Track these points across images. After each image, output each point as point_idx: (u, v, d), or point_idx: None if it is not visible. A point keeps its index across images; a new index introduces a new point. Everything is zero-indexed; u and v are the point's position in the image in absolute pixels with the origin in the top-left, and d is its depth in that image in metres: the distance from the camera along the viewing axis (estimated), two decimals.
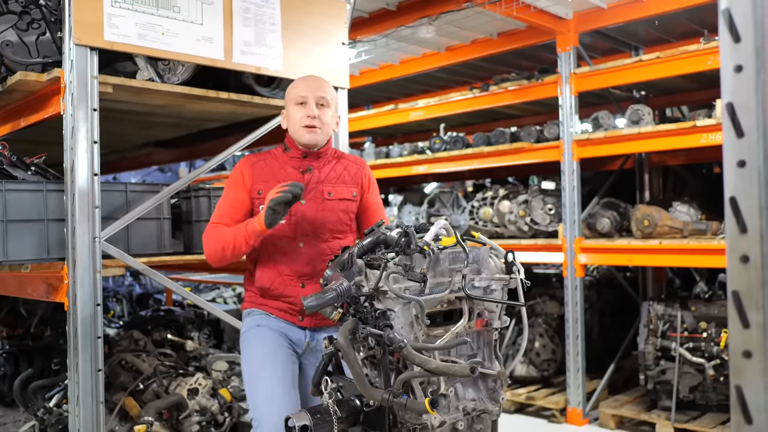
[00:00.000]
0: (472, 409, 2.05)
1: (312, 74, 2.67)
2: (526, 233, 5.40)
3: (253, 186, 2.50)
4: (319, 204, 2.51)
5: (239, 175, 2.53)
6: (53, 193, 2.85)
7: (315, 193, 2.52)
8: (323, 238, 2.51)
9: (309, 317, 2.49)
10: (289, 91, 2.60)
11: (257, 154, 2.62)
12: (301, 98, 2.51)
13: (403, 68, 6.19)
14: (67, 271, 2.69)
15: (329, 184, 2.55)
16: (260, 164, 2.54)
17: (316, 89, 2.53)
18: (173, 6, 2.89)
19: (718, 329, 4.49)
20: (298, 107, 2.52)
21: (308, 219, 2.49)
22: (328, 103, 2.54)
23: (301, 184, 2.30)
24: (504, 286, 2.16)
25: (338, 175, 2.58)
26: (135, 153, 5.34)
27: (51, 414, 3.26)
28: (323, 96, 2.52)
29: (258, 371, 2.43)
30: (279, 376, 2.40)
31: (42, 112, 2.92)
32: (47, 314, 4.39)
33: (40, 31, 2.83)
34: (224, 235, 2.40)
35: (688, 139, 4.37)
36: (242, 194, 2.49)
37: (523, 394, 5.28)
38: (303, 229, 2.49)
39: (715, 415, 4.55)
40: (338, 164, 2.61)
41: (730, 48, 0.89)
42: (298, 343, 2.52)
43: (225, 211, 2.49)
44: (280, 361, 2.44)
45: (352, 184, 2.59)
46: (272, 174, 2.51)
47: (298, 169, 2.54)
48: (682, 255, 4.46)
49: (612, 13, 4.82)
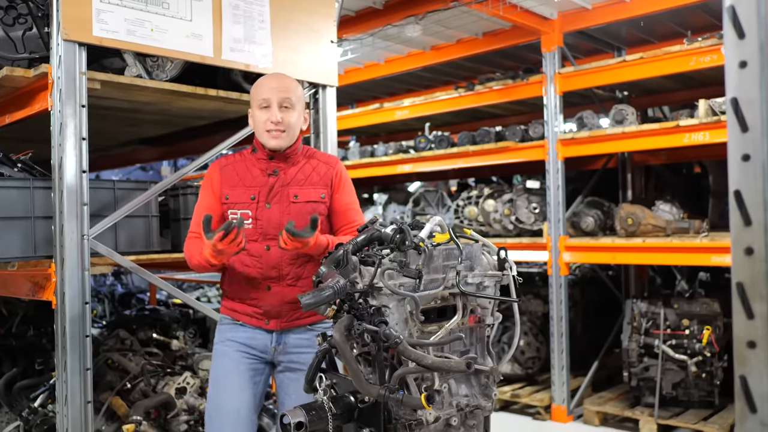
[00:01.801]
0: (465, 405, 2.06)
1: (276, 73, 2.60)
2: (510, 232, 5.44)
3: (221, 191, 2.49)
4: (285, 207, 2.46)
5: (209, 181, 2.52)
6: (40, 190, 2.81)
7: (281, 196, 2.47)
8: None
9: (275, 320, 2.48)
10: (252, 92, 2.54)
11: (228, 156, 2.58)
12: (264, 101, 2.46)
13: (389, 67, 6.20)
14: (54, 269, 2.65)
15: (296, 186, 2.49)
16: (229, 168, 2.52)
17: (279, 91, 2.46)
18: (162, 2, 2.87)
19: (701, 326, 4.56)
20: (261, 111, 2.46)
21: (273, 222, 2.45)
22: (293, 104, 2.48)
23: (240, 221, 2.24)
24: (497, 283, 2.17)
25: (306, 176, 2.52)
26: (118, 151, 5.28)
27: (36, 414, 3.22)
28: (287, 97, 2.46)
29: (215, 404, 2.49)
30: (233, 413, 2.45)
31: (28, 108, 2.88)
32: (29, 313, 4.33)
33: (27, 26, 2.80)
34: (194, 253, 2.41)
35: (672, 139, 4.43)
36: (212, 200, 2.49)
37: (508, 392, 5.32)
38: (268, 232, 2.45)
39: (697, 411, 4.62)
40: (307, 165, 2.54)
41: (734, 44, 0.90)
42: (264, 350, 2.52)
43: (198, 219, 2.47)
44: (236, 396, 2.47)
45: (320, 185, 2.53)
46: (239, 178, 2.49)
47: (265, 171, 2.49)
48: (666, 253, 4.52)
49: (596, 14, 4.88)
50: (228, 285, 2.56)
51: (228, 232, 2.18)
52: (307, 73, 3.46)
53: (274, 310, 2.48)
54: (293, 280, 2.48)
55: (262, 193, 2.47)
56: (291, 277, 2.48)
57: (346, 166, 6.22)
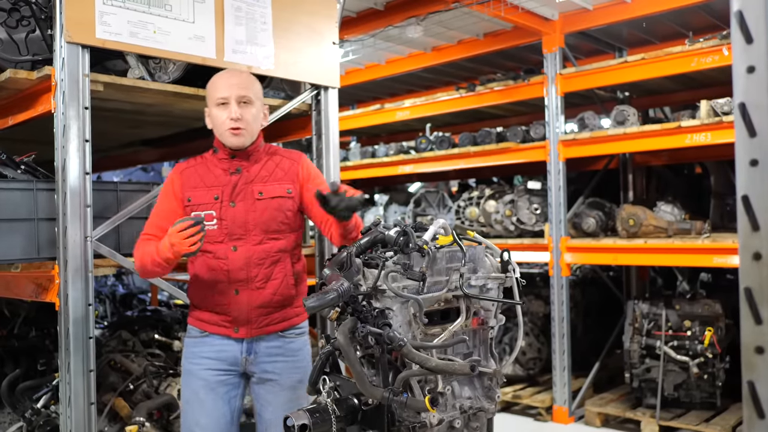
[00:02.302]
0: (468, 407, 2.06)
1: (232, 69, 2.55)
2: (512, 233, 5.44)
3: (183, 194, 2.44)
4: (250, 205, 2.42)
5: (169, 185, 2.48)
6: (43, 192, 2.81)
7: (245, 194, 2.43)
8: (257, 240, 2.42)
9: (245, 327, 2.43)
10: (208, 89, 2.49)
11: (188, 160, 2.55)
12: (222, 99, 2.41)
13: (390, 68, 6.20)
14: (58, 271, 2.66)
15: (260, 183, 2.45)
16: (189, 171, 2.48)
17: (237, 87, 2.42)
18: (165, 4, 2.87)
19: (702, 327, 4.56)
20: (220, 108, 2.43)
21: (239, 221, 2.40)
22: (252, 99, 2.44)
23: (200, 218, 2.21)
24: (500, 285, 2.17)
25: (270, 172, 2.48)
26: (120, 152, 5.29)
27: (39, 415, 3.22)
28: (245, 94, 2.42)
29: (189, 427, 2.47)
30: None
31: (31, 110, 2.88)
32: (31, 315, 4.34)
33: (30, 29, 2.80)
34: (147, 252, 2.34)
35: (673, 140, 4.43)
36: (172, 203, 2.44)
37: (510, 393, 5.32)
38: (234, 232, 2.40)
39: (699, 413, 4.62)
40: (270, 161, 2.51)
41: (742, 49, 0.90)
42: (234, 362, 2.46)
43: (155, 221, 2.44)
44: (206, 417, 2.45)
45: (285, 180, 2.49)
46: (201, 179, 2.46)
47: (227, 170, 2.46)
48: (667, 254, 4.52)
49: (597, 15, 4.88)
50: (194, 293, 2.49)
51: (194, 224, 2.15)
52: (309, 75, 3.46)
53: (243, 316, 2.42)
54: (262, 282, 2.42)
55: (225, 192, 2.43)
56: (260, 279, 2.42)
57: (347, 167, 6.31)
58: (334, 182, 2.15)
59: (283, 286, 2.46)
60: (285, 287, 2.47)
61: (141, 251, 2.37)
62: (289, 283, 2.48)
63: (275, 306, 2.46)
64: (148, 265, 2.33)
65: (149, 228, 2.44)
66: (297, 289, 2.53)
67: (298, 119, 3.75)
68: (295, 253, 2.54)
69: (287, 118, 3.59)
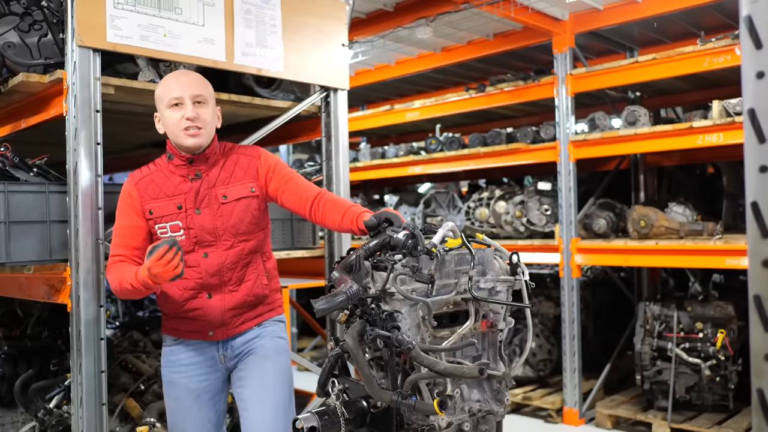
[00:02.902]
0: (477, 410, 2.06)
1: (182, 70, 2.45)
2: (522, 234, 5.43)
3: (143, 207, 2.34)
4: (215, 210, 2.35)
5: (127, 199, 2.37)
6: (55, 195, 2.83)
7: (209, 199, 2.35)
8: (228, 244, 2.36)
9: (220, 329, 2.39)
10: (159, 91, 2.36)
11: (141, 169, 2.44)
12: (176, 99, 2.30)
13: (399, 69, 6.21)
14: (69, 273, 2.68)
15: (222, 186, 2.37)
16: (145, 181, 2.38)
17: (190, 87, 2.31)
18: (175, 7, 2.88)
19: (714, 329, 4.53)
20: (173, 109, 2.31)
21: (207, 228, 2.34)
22: (207, 99, 2.34)
23: (173, 240, 2.08)
24: (509, 288, 2.17)
25: (230, 173, 2.39)
26: (131, 154, 5.31)
27: (51, 415, 3.25)
28: (199, 93, 2.32)
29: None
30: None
31: (44, 114, 2.90)
32: (44, 315, 4.37)
33: (42, 33, 2.82)
34: (125, 277, 2.20)
35: (685, 140, 4.41)
36: (134, 219, 2.34)
37: (520, 394, 5.30)
38: (203, 239, 2.34)
39: (711, 415, 4.59)
40: (228, 161, 2.42)
41: (751, 54, 0.90)
42: (212, 362, 2.42)
43: (121, 241, 2.34)
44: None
45: (247, 178, 2.40)
46: (159, 188, 2.36)
47: (186, 176, 2.36)
48: (679, 255, 4.49)
49: (608, 15, 4.86)
50: (166, 302, 2.41)
51: (168, 250, 2.02)
52: (318, 77, 3.47)
53: (218, 320, 2.37)
54: (235, 285, 2.38)
55: (188, 200, 2.34)
56: (233, 283, 2.38)
57: (357, 168, 6.32)
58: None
59: (256, 286, 2.43)
60: (258, 287, 2.44)
61: (118, 275, 2.24)
62: (262, 282, 2.45)
63: (249, 306, 2.43)
64: (127, 289, 2.20)
65: (118, 249, 2.33)
66: (270, 286, 2.50)
67: (307, 121, 3.77)
68: (265, 252, 2.50)
69: (297, 120, 3.61)
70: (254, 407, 2.38)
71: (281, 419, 2.38)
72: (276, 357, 2.46)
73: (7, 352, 3.74)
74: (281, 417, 2.38)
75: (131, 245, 2.32)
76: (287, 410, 2.42)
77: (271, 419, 2.35)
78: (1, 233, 2.72)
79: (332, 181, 3.59)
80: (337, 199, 2.37)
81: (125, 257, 2.31)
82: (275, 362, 2.45)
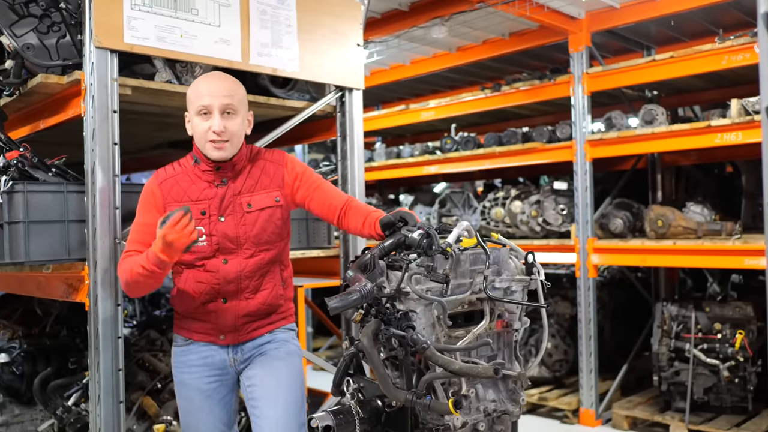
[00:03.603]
0: (492, 410, 2.06)
1: (216, 72, 2.38)
2: (538, 234, 5.40)
3: (165, 209, 2.29)
4: (239, 218, 2.32)
5: (150, 197, 2.34)
6: (74, 195, 2.86)
7: (234, 207, 2.32)
8: (249, 253, 2.34)
9: (232, 335, 2.38)
10: (190, 94, 2.32)
11: (165, 168, 2.40)
12: (204, 108, 2.26)
13: (414, 68, 6.20)
14: (87, 272, 2.70)
15: (247, 194, 2.34)
16: (170, 182, 2.34)
17: (220, 95, 2.26)
18: (191, 8, 2.90)
19: (733, 330, 4.49)
20: (201, 117, 2.27)
21: (230, 236, 2.31)
22: (236, 109, 2.29)
23: (186, 207, 2.08)
24: (524, 288, 2.16)
25: (255, 180, 2.36)
26: (148, 154, 5.36)
27: (70, 413, 3.28)
28: (229, 103, 2.27)
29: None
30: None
31: (62, 114, 2.94)
32: (63, 314, 4.41)
33: (60, 34, 2.85)
34: (135, 264, 2.17)
35: (703, 139, 4.37)
36: (156, 217, 2.26)
37: (536, 395, 5.28)
38: (225, 246, 2.31)
39: (729, 417, 4.54)
40: (254, 168, 2.38)
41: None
42: (223, 366, 2.41)
43: (139, 237, 2.30)
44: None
45: (272, 187, 2.37)
46: (184, 192, 2.32)
47: (212, 182, 2.33)
48: (697, 255, 4.45)
49: (625, 13, 4.82)
50: (180, 302, 2.40)
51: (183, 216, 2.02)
52: (334, 77, 3.48)
53: (230, 325, 2.37)
54: (251, 293, 2.37)
55: (213, 206, 2.31)
56: (250, 291, 2.37)
57: (372, 168, 6.32)
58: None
59: (272, 296, 2.42)
60: (273, 297, 2.42)
61: (127, 266, 2.21)
62: (278, 293, 2.44)
63: (262, 315, 2.42)
64: (138, 274, 2.16)
65: (133, 245, 2.29)
66: (285, 294, 2.49)
67: (322, 121, 3.77)
68: (284, 261, 2.49)
69: (312, 119, 3.62)
70: (266, 406, 2.37)
71: (293, 419, 2.37)
72: (288, 359, 2.46)
73: (26, 351, 3.79)
74: (293, 417, 2.37)
75: (148, 242, 2.27)
76: (300, 411, 2.42)
77: (283, 419, 2.34)
78: (21, 233, 2.75)
79: (347, 180, 3.60)
80: (360, 206, 2.35)
81: (140, 253, 2.26)
82: (287, 364, 2.44)
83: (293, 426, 2.36)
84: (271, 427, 2.33)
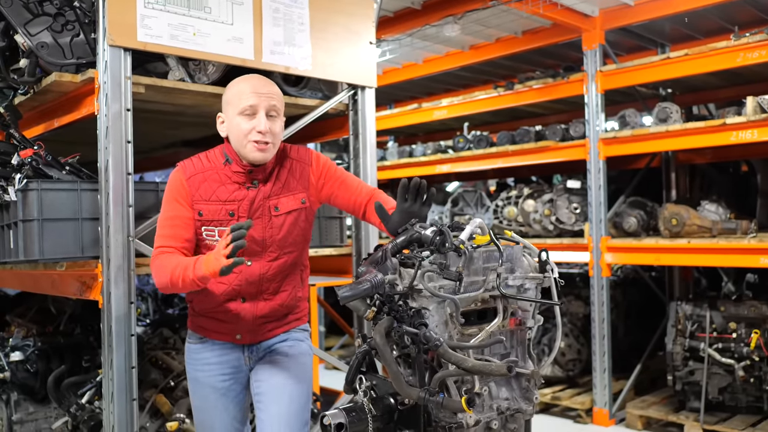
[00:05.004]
0: (506, 408, 2.04)
1: (256, 75, 2.32)
2: (551, 232, 5.37)
3: (193, 204, 2.24)
4: (267, 221, 2.29)
5: (179, 189, 2.25)
6: (87, 193, 2.87)
7: (262, 210, 2.28)
8: (273, 256, 2.32)
9: (248, 335, 2.37)
10: (231, 95, 2.25)
11: (192, 162, 2.30)
12: (250, 108, 2.19)
13: (427, 67, 6.18)
14: (101, 270, 2.72)
15: (275, 197, 2.30)
16: (198, 178, 2.26)
17: (267, 97, 2.21)
18: (204, 6, 2.91)
19: (748, 330, 4.44)
20: (244, 118, 2.20)
21: (256, 239, 2.27)
22: (279, 111, 2.25)
23: (249, 222, 1.99)
24: (538, 285, 2.15)
25: (283, 182, 2.32)
26: (161, 153, 5.39)
27: (83, 410, 3.30)
28: (275, 104, 2.23)
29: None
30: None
31: (76, 113, 2.96)
32: (77, 312, 4.44)
33: (74, 33, 2.86)
34: (174, 270, 2.11)
35: (718, 137, 4.32)
36: (186, 210, 2.22)
37: (549, 394, 5.25)
38: (250, 248, 2.25)
39: (744, 417, 4.50)
40: (282, 169, 2.33)
41: None
42: (237, 364, 2.40)
43: (171, 231, 2.22)
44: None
45: (299, 189, 2.33)
46: (213, 191, 2.25)
47: (243, 184, 2.27)
48: (712, 254, 4.41)
49: (639, 10, 4.79)
50: (198, 300, 2.37)
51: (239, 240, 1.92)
52: (346, 75, 3.48)
53: (247, 325, 2.35)
54: (271, 294, 2.36)
55: (242, 208, 2.26)
56: (270, 292, 2.35)
57: (384, 167, 6.32)
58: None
59: (291, 297, 2.41)
60: (292, 299, 2.42)
61: (169, 266, 2.13)
62: (297, 295, 2.44)
63: (280, 316, 2.42)
64: (178, 282, 2.10)
65: (166, 240, 2.21)
66: (302, 295, 2.49)
67: (335, 119, 3.77)
68: (304, 262, 2.48)
69: (324, 118, 3.62)
70: (270, 401, 2.35)
71: (295, 416, 2.36)
72: (299, 357, 2.45)
73: (40, 349, 3.81)
74: (296, 414, 2.36)
75: (183, 237, 2.22)
76: (303, 409, 2.40)
77: (285, 415, 2.33)
78: (35, 230, 2.77)
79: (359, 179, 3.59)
80: (384, 200, 2.30)
81: (175, 249, 2.20)
82: (297, 362, 2.44)
83: (295, 423, 2.35)
84: (273, 422, 2.32)
